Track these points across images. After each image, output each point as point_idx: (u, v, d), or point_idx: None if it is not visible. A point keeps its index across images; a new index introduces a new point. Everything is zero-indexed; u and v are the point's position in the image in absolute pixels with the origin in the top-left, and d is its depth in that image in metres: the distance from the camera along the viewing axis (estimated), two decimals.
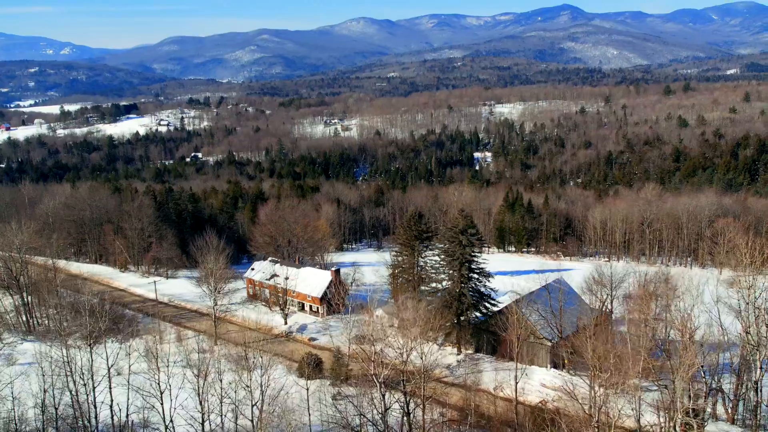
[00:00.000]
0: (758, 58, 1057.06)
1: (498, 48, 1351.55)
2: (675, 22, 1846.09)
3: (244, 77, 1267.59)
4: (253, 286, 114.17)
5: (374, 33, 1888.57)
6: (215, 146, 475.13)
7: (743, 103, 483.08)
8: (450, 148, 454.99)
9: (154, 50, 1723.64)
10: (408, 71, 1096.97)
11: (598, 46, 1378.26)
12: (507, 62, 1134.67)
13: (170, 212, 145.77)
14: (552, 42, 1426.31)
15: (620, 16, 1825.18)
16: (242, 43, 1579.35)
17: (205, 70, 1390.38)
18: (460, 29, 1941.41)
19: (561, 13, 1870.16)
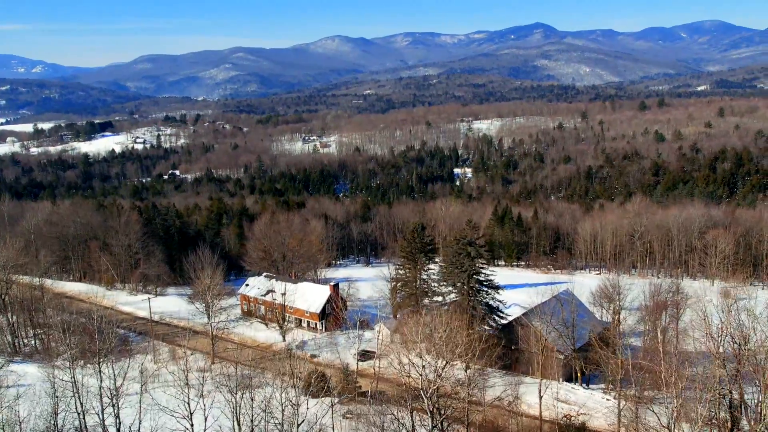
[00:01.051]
0: (727, 74, 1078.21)
1: (472, 66, 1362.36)
2: (645, 39, 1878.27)
3: (219, 95, 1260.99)
4: (248, 303, 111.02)
5: (349, 51, 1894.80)
6: (193, 163, 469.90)
7: (718, 118, 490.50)
8: (430, 164, 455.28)
9: (127, 68, 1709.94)
10: (384, 89, 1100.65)
11: (571, 63, 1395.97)
12: (482, 79, 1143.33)
13: (157, 228, 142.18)
14: (525, 60, 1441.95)
15: (592, 34, 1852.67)
16: (217, 61, 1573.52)
17: (179, 89, 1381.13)
18: (434, 47, 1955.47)
19: (534, 31, 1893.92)
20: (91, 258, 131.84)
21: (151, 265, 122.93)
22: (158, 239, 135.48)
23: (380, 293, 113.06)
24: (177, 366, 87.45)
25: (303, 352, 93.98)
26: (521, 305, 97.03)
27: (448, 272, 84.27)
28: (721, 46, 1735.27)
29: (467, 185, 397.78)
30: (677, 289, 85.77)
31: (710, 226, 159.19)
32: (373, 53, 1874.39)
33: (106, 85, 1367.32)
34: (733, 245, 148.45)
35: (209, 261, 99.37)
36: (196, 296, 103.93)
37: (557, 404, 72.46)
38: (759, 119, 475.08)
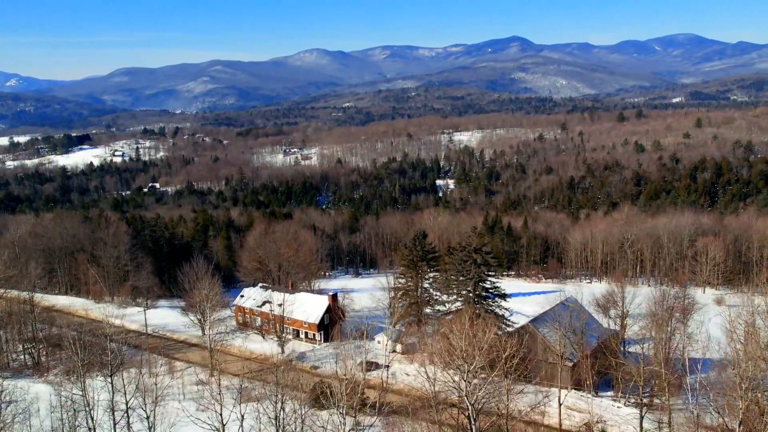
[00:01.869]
0: (701, 86, 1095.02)
1: (450, 78, 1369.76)
2: (620, 53, 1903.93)
3: (197, 108, 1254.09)
4: (243, 314, 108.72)
5: (327, 64, 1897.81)
6: (173, 176, 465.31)
7: (695, 128, 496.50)
8: (412, 176, 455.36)
9: (104, 81, 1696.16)
10: (363, 101, 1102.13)
11: (548, 76, 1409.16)
12: (460, 92, 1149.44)
13: (146, 240, 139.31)
14: (503, 72, 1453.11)
15: (568, 48, 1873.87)
16: (195, 74, 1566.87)
17: (156, 102, 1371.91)
18: (412, 60, 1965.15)
19: (511, 44, 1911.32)
20: (79, 270, 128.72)
21: (142, 277, 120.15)
22: (147, 251, 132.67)
23: (377, 303, 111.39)
24: (175, 379, 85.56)
25: (303, 363, 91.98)
26: (523, 314, 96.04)
27: (453, 280, 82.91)
28: (694, 59, 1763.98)
29: (450, 196, 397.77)
30: (684, 296, 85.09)
31: (700, 234, 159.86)
32: (351, 66, 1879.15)
33: (83, 98, 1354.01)
34: (723, 252, 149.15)
35: (204, 271, 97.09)
36: (191, 308, 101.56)
37: (570, 413, 71.34)
38: (735, 130, 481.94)
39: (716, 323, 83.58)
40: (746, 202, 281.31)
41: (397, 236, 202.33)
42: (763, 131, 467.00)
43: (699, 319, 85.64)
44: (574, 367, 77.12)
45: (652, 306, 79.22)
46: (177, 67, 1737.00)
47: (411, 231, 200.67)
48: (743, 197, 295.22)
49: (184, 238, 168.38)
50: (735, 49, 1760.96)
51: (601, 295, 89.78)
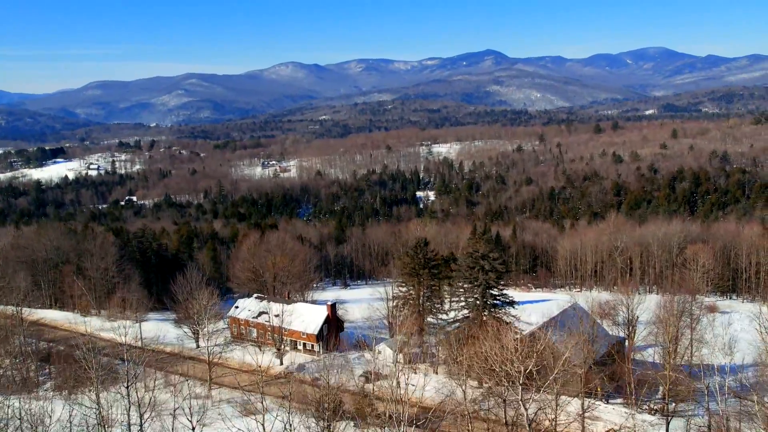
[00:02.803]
0: (673, 99, 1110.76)
1: (426, 91, 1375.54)
2: (593, 66, 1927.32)
3: (172, 121, 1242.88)
4: (238, 325, 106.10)
5: (303, 77, 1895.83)
6: (150, 189, 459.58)
7: (671, 139, 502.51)
8: (392, 188, 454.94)
9: (77, 95, 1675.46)
10: (339, 114, 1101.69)
11: (522, 89, 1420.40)
12: (436, 105, 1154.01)
13: (134, 251, 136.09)
14: (478, 85, 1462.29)
15: (541, 61, 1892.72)
16: (169, 87, 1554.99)
17: (131, 115, 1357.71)
18: (388, 73, 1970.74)
19: (485, 58, 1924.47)
20: (64, 283, 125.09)
21: (131, 290, 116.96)
22: (135, 263, 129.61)
23: (373, 313, 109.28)
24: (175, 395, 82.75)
25: (304, 375, 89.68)
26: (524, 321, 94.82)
27: (460, 287, 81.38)
28: (665, 72, 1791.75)
29: (432, 207, 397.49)
30: (693, 301, 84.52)
31: (688, 242, 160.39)
32: (327, 79, 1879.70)
33: (55, 112, 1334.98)
34: (713, 260, 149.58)
35: (199, 282, 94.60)
36: (185, 320, 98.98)
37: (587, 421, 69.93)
38: (710, 141, 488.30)
39: (725, 328, 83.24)
40: (725, 211, 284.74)
41: (385, 247, 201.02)
42: (738, 142, 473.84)
43: (703, 325, 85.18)
44: (586, 374, 75.86)
45: (659, 312, 78.36)
46: (151, 80, 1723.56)
47: (398, 242, 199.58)
48: (722, 206, 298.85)
49: (169, 250, 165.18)
50: (705, 63, 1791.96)
51: (605, 302, 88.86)
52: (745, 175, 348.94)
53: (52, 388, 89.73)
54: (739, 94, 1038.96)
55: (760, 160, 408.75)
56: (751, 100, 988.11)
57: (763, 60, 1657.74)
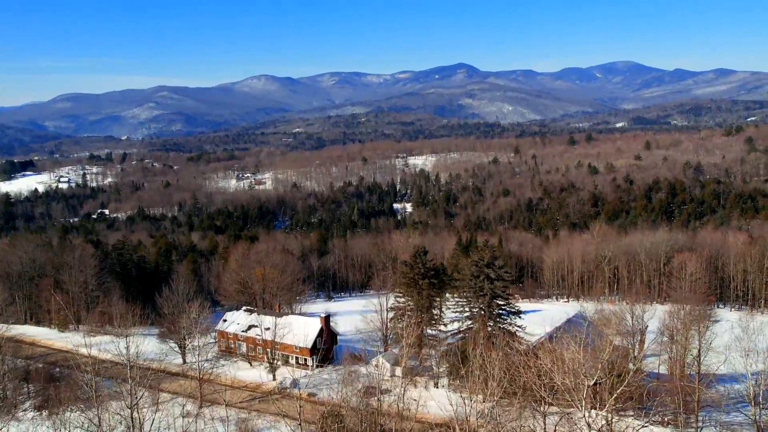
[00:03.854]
0: (642, 112, 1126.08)
1: (399, 104, 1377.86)
2: (563, 79, 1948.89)
3: (143, 134, 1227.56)
4: (227, 340, 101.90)
5: (276, 90, 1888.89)
6: (123, 202, 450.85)
7: (645, 150, 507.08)
8: (369, 200, 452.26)
9: (46, 107, 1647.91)
10: (313, 127, 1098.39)
11: (494, 102, 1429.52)
12: (410, 117, 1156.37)
13: (114, 264, 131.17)
14: (451, 99, 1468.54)
15: (513, 74, 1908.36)
16: (140, 100, 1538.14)
17: (101, 128, 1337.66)
18: (360, 87, 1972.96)
19: (457, 71, 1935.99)
20: (41, 297, 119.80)
21: (112, 303, 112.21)
22: (115, 275, 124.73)
23: (367, 325, 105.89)
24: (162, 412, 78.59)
25: (298, 391, 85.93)
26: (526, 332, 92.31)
27: (464, 296, 78.54)
28: (634, 85, 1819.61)
29: (409, 219, 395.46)
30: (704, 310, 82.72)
31: (675, 251, 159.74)
32: (299, 92, 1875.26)
33: (23, 125, 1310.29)
34: (701, 268, 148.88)
35: (186, 295, 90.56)
36: (170, 334, 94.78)
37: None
38: (683, 152, 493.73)
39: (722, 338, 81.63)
40: (702, 221, 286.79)
41: (368, 259, 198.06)
42: (710, 153, 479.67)
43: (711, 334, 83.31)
44: (595, 386, 73.34)
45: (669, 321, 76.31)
46: (122, 92, 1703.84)
47: (382, 253, 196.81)
48: (699, 216, 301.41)
49: (149, 262, 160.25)
50: (672, 76, 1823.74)
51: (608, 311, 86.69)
52: (719, 185, 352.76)
53: (32, 408, 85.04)
54: (706, 107, 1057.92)
55: (733, 170, 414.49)
56: (719, 112, 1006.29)
57: (728, 74, 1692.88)
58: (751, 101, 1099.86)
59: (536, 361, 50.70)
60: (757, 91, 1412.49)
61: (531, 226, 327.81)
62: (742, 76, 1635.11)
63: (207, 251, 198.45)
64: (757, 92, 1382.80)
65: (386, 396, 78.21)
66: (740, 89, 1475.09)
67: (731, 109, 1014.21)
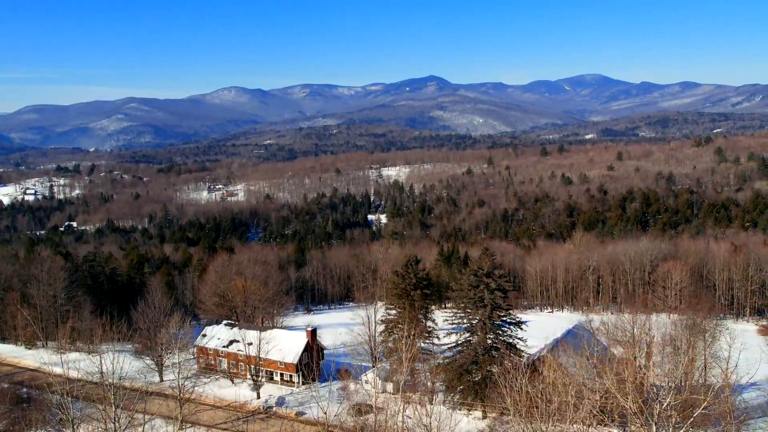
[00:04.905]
0: (610, 124, 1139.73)
1: (371, 116, 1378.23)
2: (532, 92, 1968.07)
3: (111, 146, 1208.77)
4: (207, 356, 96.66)
5: (246, 102, 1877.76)
6: (92, 214, 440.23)
7: (617, 161, 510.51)
8: (344, 211, 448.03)
9: (11, 119, 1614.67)
10: (285, 138, 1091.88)
11: (465, 114, 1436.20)
12: (381, 129, 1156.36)
13: (85, 277, 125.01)
14: (422, 111, 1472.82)
15: (483, 87, 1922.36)
16: (109, 111, 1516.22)
17: (68, 140, 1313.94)
18: (332, 99, 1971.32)
19: (428, 83, 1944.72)
20: (6, 312, 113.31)
21: (83, 318, 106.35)
22: (87, 288, 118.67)
23: (353, 338, 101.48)
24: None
25: (285, 409, 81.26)
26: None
27: (462, 307, 74.68)
28: (602, 98, 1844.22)
29: (385, 230, 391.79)
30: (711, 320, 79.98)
31: (660, 259, 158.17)
32: (270, 104, 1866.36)
33: None
34: (687, 277, 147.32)
35: (165, 308, 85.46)
36: (146, 350, 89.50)
37: None
38: (654, 162, 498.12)
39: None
40: (677, 230, 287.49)
41: (348, 270, 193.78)
42: (680, 163, 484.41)
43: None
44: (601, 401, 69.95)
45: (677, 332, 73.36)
46: (90, 104, 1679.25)
47: (361, 264, 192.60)
48: (674, 225, 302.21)
49: (122, 275, 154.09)
50: (639, 89, 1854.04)
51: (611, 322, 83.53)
52: (692, 195, 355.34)
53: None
54: (673, 119, 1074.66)
55: (704, 180, 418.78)
56: (685, 124, 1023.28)
57: (693, 87, 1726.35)
58: (716, 113, 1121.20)
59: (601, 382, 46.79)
60: (721, 103, 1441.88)
61: (507, 236, 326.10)
62: (706, 89, 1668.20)
63: (180, 263, 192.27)
64: (721, 105, 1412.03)
65: (380, 415, 74.06)
66: (705, 102, 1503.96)
67: (697, 121, 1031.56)
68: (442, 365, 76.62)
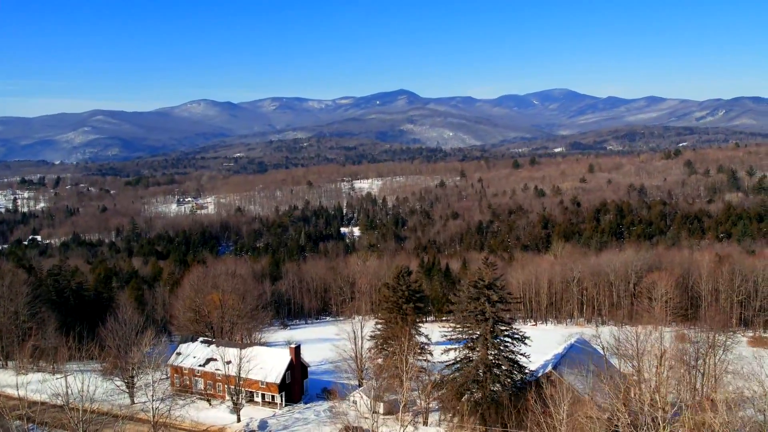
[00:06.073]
0: (579, 137, 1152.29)
1: (341, 129, 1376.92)
2: (501, 106, 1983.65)
3: (77, 159, 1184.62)
4: (181, 375, 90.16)
5: (216, 115, 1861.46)
6: (57, 228, 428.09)
7: (589, 173, 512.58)
8: (316, 223, 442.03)
9: None
10: (254, 151, 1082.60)
11: (435, 128, 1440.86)
12: (352, 142, 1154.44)
13: (50, 291, 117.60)
14: (392, 124, 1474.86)
15: (453, 101, 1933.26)
16: (75, 124, 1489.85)
17: (33, 152, 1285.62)
18: (302, 112, 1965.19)
19: (398, 97, 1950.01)
20: None
21: (47, 336, 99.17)
22: (51, 304, 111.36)
23: (336, 355, 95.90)
24: None
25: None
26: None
27: (461, 321, 69.78)
28: (569, 112, 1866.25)
29: (359, 243, 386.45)
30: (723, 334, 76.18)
31: (645, 270, 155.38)
32: (240, 117, 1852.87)
33: None
34: (673, 288, 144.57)
35: (137, 325, 79.19)
36: (116, 370, 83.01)
37: None
38: (625, 175, 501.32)
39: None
40: (652, 241, 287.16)
41: (325, 283, 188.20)
42: (651, 176, 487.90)
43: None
44: (610, 420, 65.47)
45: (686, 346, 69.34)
46: (56, 116, 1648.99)
47: (338, 277, 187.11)
48: (648, 237, 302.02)
49: (89, 290, 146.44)
50: (606, 104, 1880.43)
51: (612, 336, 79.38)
52: (665, 206, 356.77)
53: None
54: (640, 132, 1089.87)
55: (675, 192, 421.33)
56: (652, 138, 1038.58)
57: (659, 102, 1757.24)
58: (681, 127, 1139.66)
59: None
60: (685, 117, 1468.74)
61: (483, 248, 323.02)
62: (671, 104, 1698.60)
63: (150, 277, 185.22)
64: (686, 119, 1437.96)
65: None
66: (670, 116, 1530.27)
67: (663, 135, 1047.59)
68: (438, 383, 71.60)
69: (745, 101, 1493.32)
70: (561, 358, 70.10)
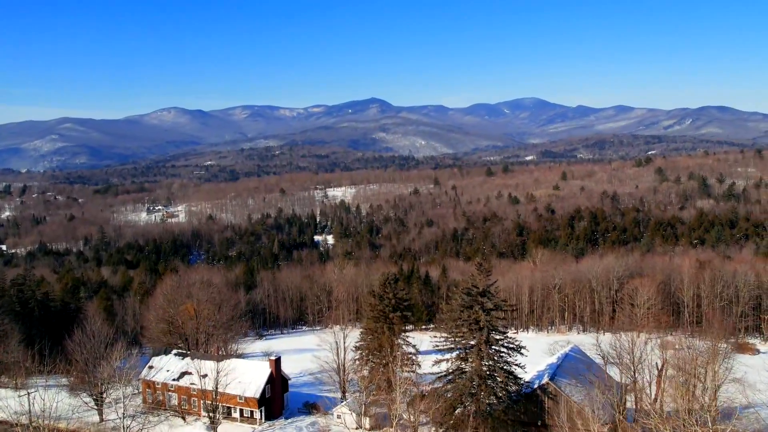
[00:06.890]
0: (549, 146, 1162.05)
1: (313, 138, 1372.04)
2: (473, 115, 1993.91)
3: (44, 167, 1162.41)
4: (154, 390, 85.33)
5: (186, 123, 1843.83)
6: (23, 237, 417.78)
7: (562, 181, 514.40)
8: (289, 232, 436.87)
9: None
10: (226, 159, 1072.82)
11: (407, 136, 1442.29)
12: (325, 150, 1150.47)
13: (13, 302, 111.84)
14: (364, 132, 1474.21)
15: (424, 110, 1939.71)
16: (42, 132, 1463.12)
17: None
18: (273, 120, 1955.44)
19: (370, 105, 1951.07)
20: None
21: (10, 349, 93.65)
22: (14, 315, 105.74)
23: (317, 366, 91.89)
24: None
25: None
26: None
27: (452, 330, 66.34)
28: (539, 121, 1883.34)
29: (333, 251, 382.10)
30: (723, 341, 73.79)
31: (627, 277, 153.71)
32: (211, 125, 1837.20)
33: None
34: (656, 294, 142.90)
35: (103, 337, 74.44)
36: (83, 386, 78.13)
37: None
38: (598, 182, 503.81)
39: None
40: (627, 248, 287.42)
41: (301, 292, 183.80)
42: (623, 183, 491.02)
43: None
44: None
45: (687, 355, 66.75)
46: (22, 124, 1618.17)
47: (315, 286, 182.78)
48: (623, 243, 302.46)
49: (54, 300, 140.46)
50: (575, 113, 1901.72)
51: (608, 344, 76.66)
52: (639, 213, 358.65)
53: None
54: (609, 141, 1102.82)
55: (647, 199, 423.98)
56: (621, 146, 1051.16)
57: (627, 111, 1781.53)
58: (649, 136, 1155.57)
59: None
60: (653, 126, 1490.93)
61: (459, 255, 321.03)
62: (640, 113, 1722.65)
63: (120, 287, 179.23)
64: (654, 128, 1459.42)
65: None
66: (639, 125, 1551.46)
67: (632, 144, 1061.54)
68: (427, 397, 68.08)
69: (711, 110, 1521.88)
70: (557, 368, 67.13)
